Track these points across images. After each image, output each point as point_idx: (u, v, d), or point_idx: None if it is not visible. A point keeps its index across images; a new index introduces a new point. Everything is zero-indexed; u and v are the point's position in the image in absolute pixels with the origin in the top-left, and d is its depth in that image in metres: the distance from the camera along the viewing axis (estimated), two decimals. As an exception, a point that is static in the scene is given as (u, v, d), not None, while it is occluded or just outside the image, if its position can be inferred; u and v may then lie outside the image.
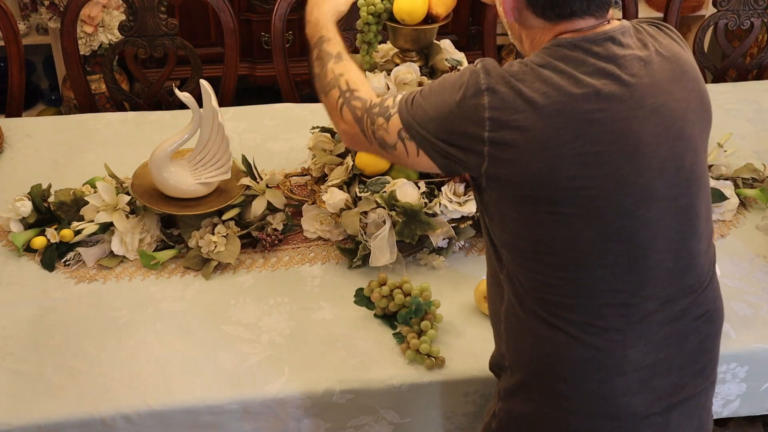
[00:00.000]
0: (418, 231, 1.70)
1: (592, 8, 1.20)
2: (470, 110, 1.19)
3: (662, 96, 1.21)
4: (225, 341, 1.57)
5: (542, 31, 1.24)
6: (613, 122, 1.17)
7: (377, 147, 1.32)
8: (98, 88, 3.14)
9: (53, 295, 1.65)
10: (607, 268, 1.20)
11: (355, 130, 1.35)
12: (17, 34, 2.29)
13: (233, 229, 1.75)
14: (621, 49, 1.20)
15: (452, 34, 3.28)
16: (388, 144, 1.29)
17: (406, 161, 1.30)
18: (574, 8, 1.20)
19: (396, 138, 1.28)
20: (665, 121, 1.21)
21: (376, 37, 1.74)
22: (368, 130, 1.32)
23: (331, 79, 1.40)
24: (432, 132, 1.24)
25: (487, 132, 1.17)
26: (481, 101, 1.18)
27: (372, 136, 1.32)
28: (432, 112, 1.24)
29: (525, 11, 1.24)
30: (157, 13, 2.30)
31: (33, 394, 1.45)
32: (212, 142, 1.73)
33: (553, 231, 1.19)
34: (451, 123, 1.21)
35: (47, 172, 1.97)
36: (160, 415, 1.45)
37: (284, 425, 1.51)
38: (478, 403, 1.57)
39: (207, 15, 3.20)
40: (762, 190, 1.94)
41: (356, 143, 1.38)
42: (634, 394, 1.24)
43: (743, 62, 2.68)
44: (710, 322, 1.31)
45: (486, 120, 1.17)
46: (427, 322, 1.55)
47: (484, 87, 1.18)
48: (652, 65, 1.22)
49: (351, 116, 1.35)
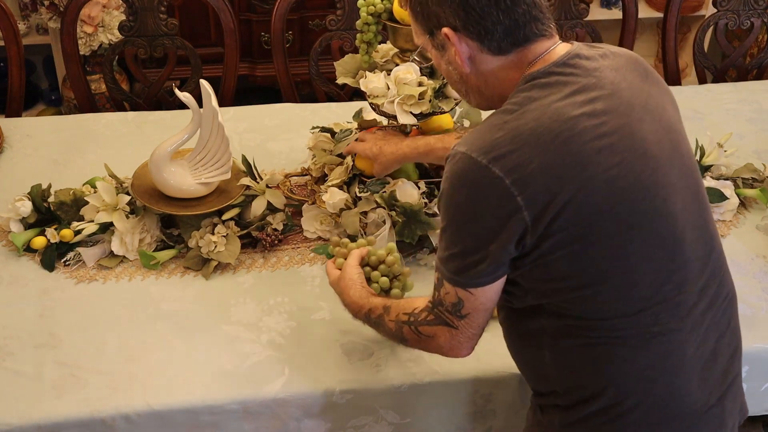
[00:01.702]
0: (418, 231, 1.70)
1: (540, 27, 1.21)
2: (490, 189, 1.13)
3: (642, 95, 1.24)
4: (225, 341, 1.57)
5: (503, 70, 1.23)
6: (617, 130, 1.17)
7: (459, 321, 1.24)
8: (98, 88, 3.14)
9: (53, 295, 1.65)
10: (654, 275, 1.20)
11: (443, 333, 1.26)
12: (17, 34, 2.29)
13: (233, 229, 1.75)
14: (590, 62, 1.23)
15: (452, 34, 3.28)
16: (456, 303, 1.23)
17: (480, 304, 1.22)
18: (525, 32, 1.20)
19: (454, 291, 1.22)
20: (655, 116, 1.23)
21: (376, 37, 1.74)
22: (445, 316, 1.25)
23: (396, 329, 1.34)
24: (470, 251, 1.17)
25: (519, 196, 1.12)
26: (493, 174, 1.12)
27: (450, 317, 1.24)
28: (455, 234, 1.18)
29: (480, 54, 1.23)
30: (157, 13, 2.30)
31: (33, 394, 1.45)
32: (212, 142, 1.73)
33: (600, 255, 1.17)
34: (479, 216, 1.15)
35: (47, 172, 1.97)
36: (160, 415, 1.45)
37: (284, 425, 1.51)
38: (478, 404, 1.57)
39: (207, 15, 3.21)
40: (762, 190, 1.94)
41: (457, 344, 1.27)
42: (694, 390, 1.25)
43: (743, 62, 2.68)
44: (733, 301, 1.34)
45: (510, 187, 1.12)
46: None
47: (485, 161, 1.13)
48: (620, 70, 1.25)
49: (430, 327, 1.28)
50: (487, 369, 1.54)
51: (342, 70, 1.82)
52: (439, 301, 1.26)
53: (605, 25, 3.52)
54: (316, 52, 2.40)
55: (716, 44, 2.77)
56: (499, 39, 1.20)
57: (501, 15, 1.18)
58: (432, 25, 1.25)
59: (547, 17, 1.23)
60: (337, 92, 2.45)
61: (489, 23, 1.19)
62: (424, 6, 1.24)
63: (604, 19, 3.58)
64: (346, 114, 2.12)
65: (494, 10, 1.18)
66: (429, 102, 1.67)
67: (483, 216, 1.15)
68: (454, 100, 1.71)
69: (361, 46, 1.76)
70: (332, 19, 2.35)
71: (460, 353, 1.29)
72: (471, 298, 1.22)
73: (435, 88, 1.69)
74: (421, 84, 1.69)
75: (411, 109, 1.67)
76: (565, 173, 1.13)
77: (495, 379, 1.54)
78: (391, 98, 1.68)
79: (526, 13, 1.19)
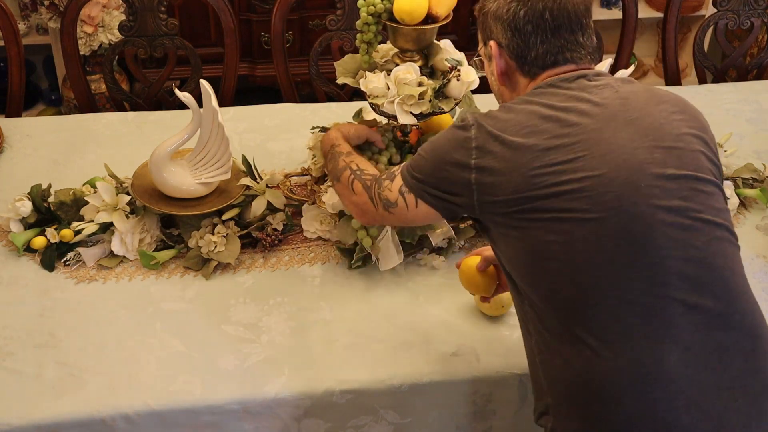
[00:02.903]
0: (418, 231, 1.70)
1: (575, 58, 1.35)
2: (462, 142, 1.31)
3: (636, 112, 1.29)
4: (225, 341, 1.57)
5: (527, 83, 1.38)
6: (582, 134, 1.25)
7: (382, 210, 1.45)
8: (98, 88, 3.14)
9: (53, 295, 1.65)
10: (608, 267, 1.21)
11: (363, 199, 1.48)
12: (17, 34, 2.29)
13: (233, 229, 1.75)
14: (591, 82, 1.32)
15: (452, 34, 3.28)
16: (391, 202, 1.42)
17: (406, 216, 1.41)
18: (557, 58, 1.35)
19: (397, 194, 1.41)
20: (641, 130, 1.27)
21: (376, 37, 1.74)
22: (375, 195, 1.46)
23: (342, 166, 1.57)
24: (427, 173, 1.36)
25: (474, 159, 1.29)
26: (469, 134, 1.31)
27: (377, 199, 1.45)
28: (427, 155, 1.37)
29: (515, 74, 1.39)
30: (157, 13, 2.30)
31: (33, 394, 1.45)
32: (212, 142, 1.73)
33: (545, 236, 1.24)
34: (445, 157, 1.33)
35: (47, 172, 1.97)
36: (160, 415, 1.45)
37: (284, 425, 1.51)
38: (479, 403, 1.57)
39: (207, 15, 3.20)
40: (762, 190, 1.94)
41: (364, 213, 1.50)
42: (680, 410, 1.18)
43: (743, 62, 2.68)
44: (752, 336, 1.24)
45: (473, 149, 1.29)
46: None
47: (471, 123, 1.31)
48: (625, 92, 1.32)
49: (361, 186, 1.49)
50: (487, 369, 1.54)
51: (342, 70, 1.82)
52: (380, 183, 1.45)
53: (605, 25, 3.52)
54: (316, 52, 2.40)
55: (716, 44, 2.77)
56: (531, 63, 1.36)
57: (539, 43, 1.34)
58: (486, 36, 1.41)
59: (587, 52, 1.37)
60: (337, 92, 2.45)
61: (526, 48, 1.35)
62: (484, 18, 1.40)
63: (604, 19, 3.58)
64: (346, 114, 2.12)
65: (534, 37, 1.34)
66: (429, 102, 1.67)
67: (447, 158, 1.33)
68: (454, 100, 1.71)
69: (361, 46, 1.76)
70: (332, 19, 2.35)
71: (361, 220, 1.54)
72: (404, 208, 1.40)
73: (435, 88, 1.69)
74: (421, 84, 1.69)
75: (411, 109, 1.67)
76: (514, 159, 1.25)
77: (495, 379, 1.54)
78: (391, 98, 1.68)
79: (563, 47, 1.34)
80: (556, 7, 1.32)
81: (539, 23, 1.33)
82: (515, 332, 1.60)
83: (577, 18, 1.34)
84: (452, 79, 1.69)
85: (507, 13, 1.34)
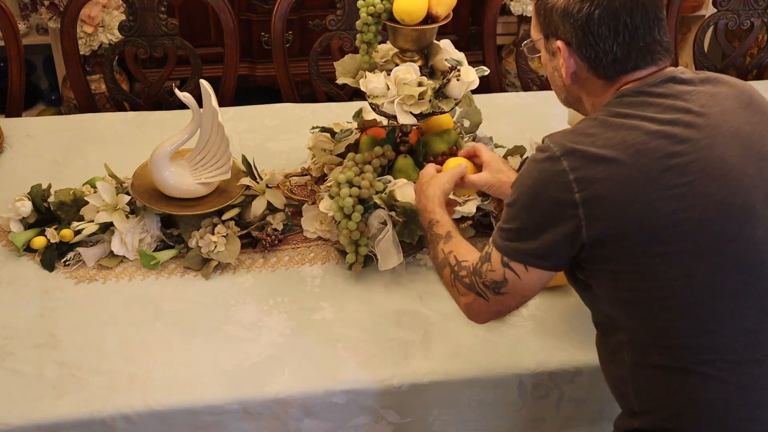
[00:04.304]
0: (418, 231, 1.70)
1: (654, 57, 1.24)
2: (554, 177, 1.18)
3: (735, 120, 1.22)
4: (225, 341, 1.57)
5: (604, 88, 1.26)
6: (695, 151, 1.17)
7: (493, 297, 1.30)
8: (98, 88, 3.14)
9: (53, 295, 1.65)
10: (727, 299, 1.18)
11: (471, 299, 1.33)
12: (17, 34, 2.29)
13: (233, 229, 1.75)
14: (683, 86, 1.23)
15: (452, 34, 3.28)
16: (499, 282, 1.27)
17: (521, 288, 1.27)
18: (637, 61, 1.23)
19: (501, 269, 1.27)
20: (745, 143, 1.20)
21: (375, 37, 1.74)
22: (479, 287, 1.31)
23: (442, 259, 1.42)
24: (525, 227, 1.22)
25: (577, 193, 1.17)
26: (561, 166, 1.18)
27: (485, 290, 1.30)
28: (518, 212, 1.23)
29: (585, 73, 1.26)
30: (157, 13, 2.30)
31: (33, 394, 1.45)
32: (212, 142, 1.73)
33: (666, 272, 1.17)
34: (539, 202, 1.20)
35: (47, 172, 1.97)
36: (160, 415, 1.45)
37: (284, 425, 1.51)
38: (479, 403, 1.57)
39: (207, 15, 3.20)
40: (762, 190, 1.94)
41: (478, 314, 1.35)
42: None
43: (743, 62, 2.68)
44: None
45: (572, 182, 1.17)
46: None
47: (558, 153, 1.18)
48: (718, 96, 1.23)
49: (463, 286, 1.35)
50: (487, 369, 1.54)
51: (342, 70, 1.82)
52: (479, 272, 1.30)
53: (605, 25, 3.51)
54: (316, 52, 2.40)
55: (716, 44, 2.77)
56: (607, 66, 1.24)
57: (616, 47, 1.22)
58: (550, 32, 1.29)
59: (665, 47, 1.26)
60: (337, 92, 2.45)
61: (602, 51, 1.23)
62: (548, 12, 1.27)
63: (604, 19, 3.57)
64: (346, 114, 2.12)
65: (611, 41, 1.22)
66: (429, 102, 1.67)
67: (543, 202, 1.20)
68: (454, 100, 1.71)
69: (361, 46, 1.76)
70: (332, 19, 2.35)
71: (477, 320, 1.37)
72: (516, 280, 1.26)
73: (435, 88, 1.69)
74: (421, 84, 1.69)
75: (411, 109, 1.67)
76: (629, 185, 1.15)
77: (495, 379, 1.54)
78: (391, 98, 1.68)
79: (643, 48, 1.23)
80: (633, 5, 1.20)
81: (616, 25, 1.20)
82: (515, 332, 1.60)
83: (654, 13, 1.23)
84: (452, 79, 1.69)
85: (578, 12, 1.22)
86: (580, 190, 1.17)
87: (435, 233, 1.46)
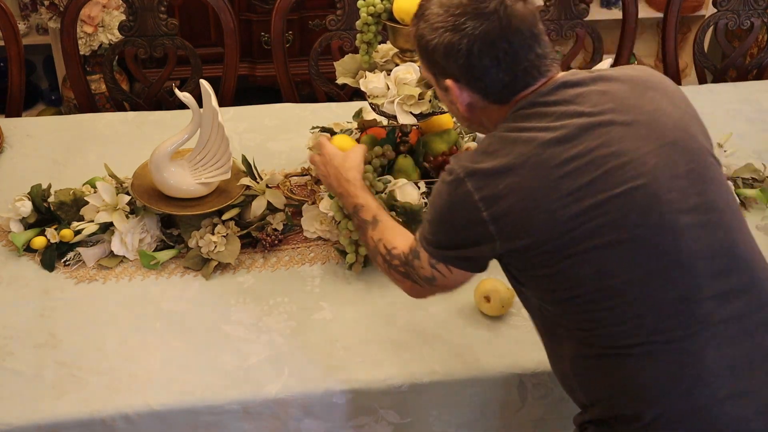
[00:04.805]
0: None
1: (543, 71, 1.26)
2: (462, 198, 1.23)
3: (631, 111, 1.24)
4: (225, 341, 1.57)
5: (501, 110, 1.29)
6: (590, 152, 1.20)
7: (428, 287, 1.36)
8: (98, 88, 3.14)
9: (53, 295, 1.65)
10: (644, 284, 1.20)
11: (409, 285, 1.40)
12: (17, 34, 2.29)
13: (233, 229, 1.75)
14: (575, 89, 1.25)
15: (452, 34, 3.27)
16: (429, 278, 1.33)
17: (448, 284, 1.34)
18: (526, 80, 1.26)
19: (430, 269, 1.32)
20: (643, 131, 1.23)
21: (375, 37, 1.74)
22: (415, 278, 1.36)
23: (373, 248, 1.46)
24: (443, 241, 1.29)
25: (485, 212, 1.21)
26: (465, 188, 1.22)
27: (420, 280, 1.36)
28: (436, 228, 1.29)
29: (482, 102, 1.29)
30: (157, 13, 2.30)
31: (33, 394, 1.45)
32: (212, 142, 1.73)
33: (581, 270, 1.20)
34: (453, 223, 1.26)
35: (47, 172, 1.97)
36: (160, 415, 1.45)
37: (284, 425, 1.51)
38: (479, 403, 1.57)
39: (207, 15, 3.21)
40: (762, 190, 1.94)
41: (420, 293, 1.42)
42: (722, 401, 1.20)
43: (743, 62, 2.68)
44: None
45: (479, 201, 1.21)
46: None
47: (462, 175, 1.23)
48: (610, 92, 1.26)
49: (400, 275, 1.40)
50: (488, 369, 1.54)
51: (342, 70, 1.82)
52: (411, 264, 1.35)
53: (605, 25, 3.52)
54: (316, 52, 2.40)
55: (716, 44, 2.77)
56: (499, 92, 1.26)
57: (502, 74, 1.24)
58: (437, 71, 1.30)
59: (550, 58, 1.27)
60: (337, 92, 2.45)
61: (490, 81, 1.25)
62: (430, 54, 1.28)
63: (604, 19, 3.58)
64: (346, 114, 2.12)
65: (495, 69, 1.24)
66: (429, 102, 1.67)
67: (455, 223, 1.26)
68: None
69: (361, 46, 1.76)
70: (332, 19, 2.35)
71: (422, 298, 1.45)
72: (443, 278, 1.32)
73: (435, 88, 1.69)
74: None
75: (411, 109, 1.67)
76: (531, 197, 1.19)
77: (495, 379, 1.54)
78: (391, 98, 1.68)
79: (528, 67, 1.25)
80: (507, 31, 1.22)
81: (496, 54, 1.22)
82: (515, 332, 1.60)
83: (530, 31, 1.24)
84: (452, 79, 1.69)
85: (458, 51, 1.23)
86: (487, 209, 1.21)
87: (361, 218, 1.49)
